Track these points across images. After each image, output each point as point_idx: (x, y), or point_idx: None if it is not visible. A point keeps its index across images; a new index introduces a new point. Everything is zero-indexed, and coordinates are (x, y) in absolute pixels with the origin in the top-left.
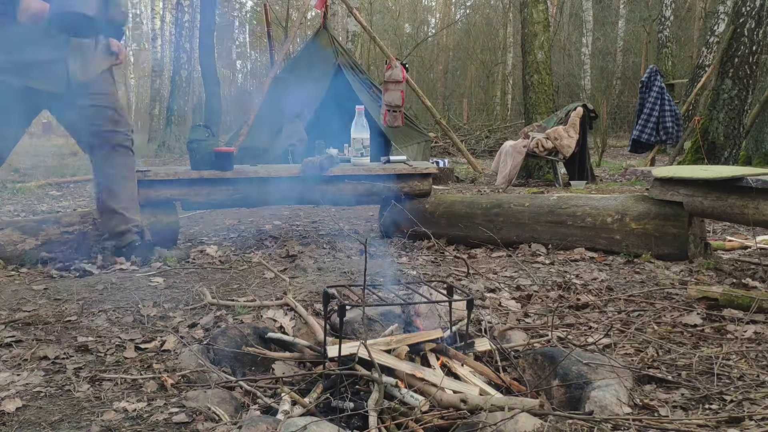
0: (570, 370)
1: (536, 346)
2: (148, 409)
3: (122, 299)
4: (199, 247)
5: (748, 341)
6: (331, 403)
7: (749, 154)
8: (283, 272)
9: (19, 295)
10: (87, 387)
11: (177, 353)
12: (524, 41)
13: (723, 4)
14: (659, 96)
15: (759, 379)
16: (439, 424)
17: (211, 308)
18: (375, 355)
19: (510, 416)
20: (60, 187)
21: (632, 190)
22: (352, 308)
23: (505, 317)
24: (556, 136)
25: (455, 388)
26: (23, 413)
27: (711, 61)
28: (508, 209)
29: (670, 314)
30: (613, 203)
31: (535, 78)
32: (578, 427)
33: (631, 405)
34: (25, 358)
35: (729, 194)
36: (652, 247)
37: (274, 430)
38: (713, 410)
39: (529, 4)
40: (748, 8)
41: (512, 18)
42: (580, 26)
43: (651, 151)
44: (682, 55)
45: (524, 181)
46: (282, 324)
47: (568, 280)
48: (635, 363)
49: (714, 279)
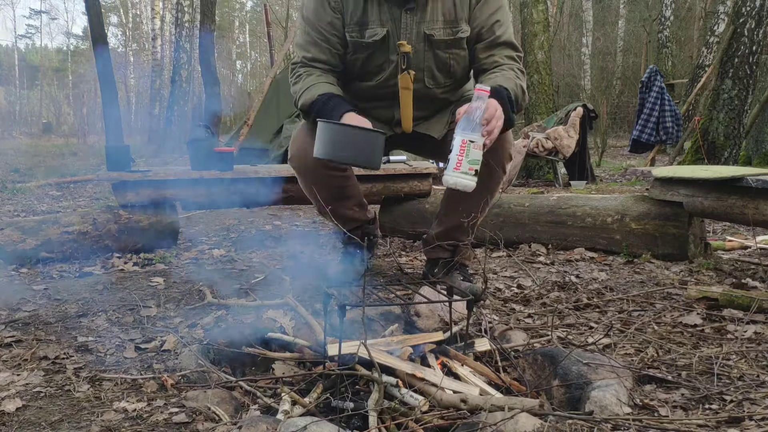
0: (570, 370)
1: (536, 346)
2: (148, 409)
3: (122, 299)
4: (199, 247)
5: (748, 341)
6: (331, 403)
7: (749, 154)
8: (284, 272)
9: (19, 295)
10: (87, 387)
11: (177, 353)
12: (524, 41)
13: (723, 4)
14: (659, 96)
15: (759, 379)
16: (439, 424)
17: (211, 308)
18: (375, 355)
19: (510, 416)
20: (60, 187)
21: (632, 190)
22: (352, 308)
23: (506, 317)
24: (556, 136)
25: (455, 388)
26: (23, 413)
27: (711, 61)
28: (508, 209)
29: (670, 314)
30: (613, 203)
31: (535, 78)
32: (578, 427)
33: (631, 405)
34: (25, 358)
35: (729, 194)
36: (652, 247)
37: (274, 430)
38: (713, 410)
39: (529, 4)
40: (748, 8)
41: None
42: (580, 26)
43: (651, 151)
44: (682, 55)
45: (524, 181)
46: (282, 324)
47: (568, 280)
48: (635, 363)
49: (714, 279)
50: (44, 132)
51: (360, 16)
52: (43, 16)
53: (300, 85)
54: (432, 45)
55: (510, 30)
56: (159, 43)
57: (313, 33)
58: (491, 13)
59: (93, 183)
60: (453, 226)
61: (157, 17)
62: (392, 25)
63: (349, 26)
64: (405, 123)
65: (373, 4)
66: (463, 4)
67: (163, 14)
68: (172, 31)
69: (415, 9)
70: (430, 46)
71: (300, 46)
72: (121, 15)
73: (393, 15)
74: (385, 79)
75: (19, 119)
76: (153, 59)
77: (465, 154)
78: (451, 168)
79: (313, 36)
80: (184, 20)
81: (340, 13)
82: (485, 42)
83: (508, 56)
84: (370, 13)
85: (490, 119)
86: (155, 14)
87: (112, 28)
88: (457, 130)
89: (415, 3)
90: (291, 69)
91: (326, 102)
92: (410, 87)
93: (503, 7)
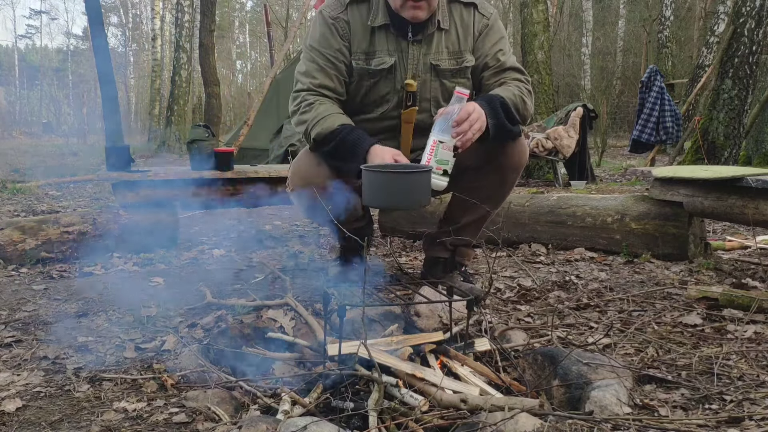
0: (570, 370)
1: (536, 346)
2: (148, 409)
3: (122, 299)
4: (199, 247)
5: (748, 341)
6: (331, 403)
7: (749, 154)
8: (284, 272)
9: (19, 295)
10: (87, 387)
11: (177, 353)
12: (524, 41)
13: (723, 4)
14: (659, 96)
15: (759, 379)
16: (439, 424)
17: (211, 308)
18: (375, 355)
19: (510, 416)
20: (60, 187)
21: (632, 190)
22: (352, 308)
23: (506, 317)
24: (556, 136)
25: (455, 388)
26: (23, 413)
27: (711, 61)
28: (508, 209)
29: (670, 314)
30: (613, 203)
31: (535, 78)
32: (578, 427)
33: (631, 405)
34: (25, 358)
35: (729, 194)
36: (652, 247)
37: (274, 430)
38: (713, 410)
39: (529, 4)
40: (748, 8)
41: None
42: (580, 26)
43: (651, 151)
44: (682, 55)
45: (524, 181)
46: (282, 324)
47: (568, 280)
48: (635, 363)
49: (714, 279)
50: (44, 132)
51: (367, 46)
52: (43, 16)
53: (312, 114)
54: (438, 74)
55: (513, 57)
56: (159, 43)
57: (320, 60)
58: (494, 44)
59: (93, 183)
60: (457, 228)
61: (157, 17)
62: (399, 56)
63: (356, 54)
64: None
65: (380, 35)
66: (467, 37)
67: (163, 14)
68: (172, 31)
69: (421, 41)
70: (437, 75)
71: (305, 73)
72: (121, 15)
73: (400, 46)
74: (389, 111)
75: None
76: (153, 59)
77: (434, 154)
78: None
79: (320, 62)
80: (184, 20)
81: (347, 41)
82: (492, 69)
83: (515, 78)
84: (377, 44)
85: (461, 121)
86: (155, 14)
87: (112, 28)
88: (432, 131)
89: (422, 35)
90: (295, 96)
91: (349, 133)
92: (413, 122)
93: (505, 37)
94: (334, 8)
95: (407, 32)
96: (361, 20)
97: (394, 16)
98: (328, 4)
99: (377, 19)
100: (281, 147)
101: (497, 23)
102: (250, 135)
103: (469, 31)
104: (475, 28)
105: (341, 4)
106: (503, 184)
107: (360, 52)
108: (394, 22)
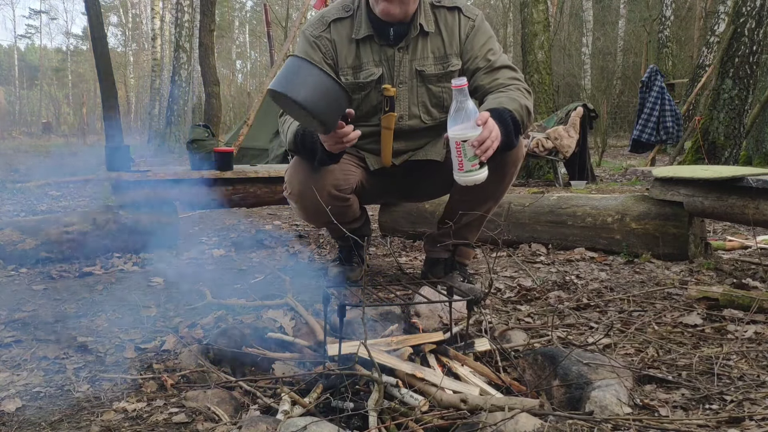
0: (570, 370)
1: (536, 346)
2: (148, 409)
3: (122, 299)
4: (199, 247)
5: (748, 341)
6: (331, 403)
7: (750, 154)
8: (283, 272)
9: (19, 295)
10: (87, 387)
11: (177, 353)
12: (524, 41)
13: (723, 4)
14: (659, 96)
15: (759, 379)
16: (439, 424)
17: (211, 308)
18: (375, 355)
19: (510, 416)
20: (60, 186)
21: (632, 190)
22: (352, 308)
23: (506, 317)
24: (556, 135)
25: (455, 389)
26: (23, 413)
27: (711, 61)
28: (508, 209)
29: (671, 314)
30: (613, 203)
31: (535, 78)
32: (578, 427)
33: (632, 405)
34: (25, 358)
35: (729, 194)
36: (652, 247)
37: (274, 430)
38: (713, 410)
39: (529, 4)
40: (749, 8)
41: (512, 18)
42: (580, 26)
43: (651, 151)
44: (683, 55)
45: (524, 181)
46: (282, 324)
47: (568, 280)
48: (635, 363)
49: (714, 279)
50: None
51: (353, 59)
52: (42, 16)
53: (285, 126)
54: (424, 80)
55: (504, 56)
56: (159, 43)
57: None
58: (482, 44)
59: (93, 183)
60: (458, 227)
61: (157, 17)
62: (386, 65)
63: (343, 69)
64: (385, 159)
65: (365, 47)
66: (453, 40)
67: (163, 14)
68: (172, 31)
69: (407, 48)
70: (423, 81)
71: None
72: (120, 15)
73: (386, 55)
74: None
75: (19, 119)
76: (153, 59)
77: (463, 155)
78: (456, 170)
79: None
80: (184, 20)
81: (331, 58)
82: (484, 69)
83: (510, 77)
84: (363, 56)
85: (483, 141)
86: (155, 14)
87: (112, 28)
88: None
89: (405, 41)
90: (280, 115)
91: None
92: (392, 127)
93: (493, 37)
94: (316, 27)
95: (390, 38)
96: (346, 35)
97: (377, 26)
98: (311, 24)
99: (360, 31)
100: (281, 147)
101: (483, 24)
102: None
103: (454, 35)
104: (461, 31)
105: (323, 23)
106: (503, 178)
107: (347, 66)
108: (377, 31)
